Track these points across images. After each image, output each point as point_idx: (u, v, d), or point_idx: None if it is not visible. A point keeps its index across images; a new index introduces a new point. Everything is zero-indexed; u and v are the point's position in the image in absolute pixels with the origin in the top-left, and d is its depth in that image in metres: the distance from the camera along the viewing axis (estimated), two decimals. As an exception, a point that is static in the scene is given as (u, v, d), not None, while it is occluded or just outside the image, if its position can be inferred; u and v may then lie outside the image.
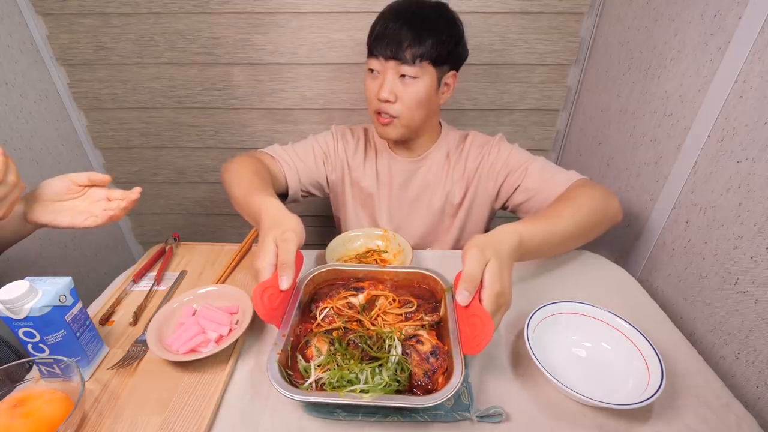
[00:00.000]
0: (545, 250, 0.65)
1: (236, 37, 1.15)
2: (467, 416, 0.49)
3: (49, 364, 0.50)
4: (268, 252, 0.55)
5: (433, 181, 0.90)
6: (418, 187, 0.91)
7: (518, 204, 0.84)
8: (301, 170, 0.89)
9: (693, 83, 0.71)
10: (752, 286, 0.58)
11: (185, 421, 0.48)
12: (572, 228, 0.66)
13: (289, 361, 0.52)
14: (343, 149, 0.92)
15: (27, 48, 1.14)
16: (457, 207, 0.90)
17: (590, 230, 0.69)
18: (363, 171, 0.92)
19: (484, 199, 0.89)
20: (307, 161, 0.90)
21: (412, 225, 0.94)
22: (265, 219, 0.60)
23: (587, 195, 0.70)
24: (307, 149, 0.91)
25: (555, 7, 1.07)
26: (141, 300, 0.68)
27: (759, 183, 0.57)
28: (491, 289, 0.50)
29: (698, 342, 0.66)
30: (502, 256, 0.53)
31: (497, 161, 0.85)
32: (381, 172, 0.92)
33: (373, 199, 0.93)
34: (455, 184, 0.89)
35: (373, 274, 0.64)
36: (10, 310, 0.46)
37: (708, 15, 0.68)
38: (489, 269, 0.51)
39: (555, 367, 0.54)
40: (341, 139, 0.92)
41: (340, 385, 0.47)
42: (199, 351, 0.55)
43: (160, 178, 1.41)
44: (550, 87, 1.19)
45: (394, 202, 0.93)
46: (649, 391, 0.48)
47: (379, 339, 0.54)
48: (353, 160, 0.92)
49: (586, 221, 0.67)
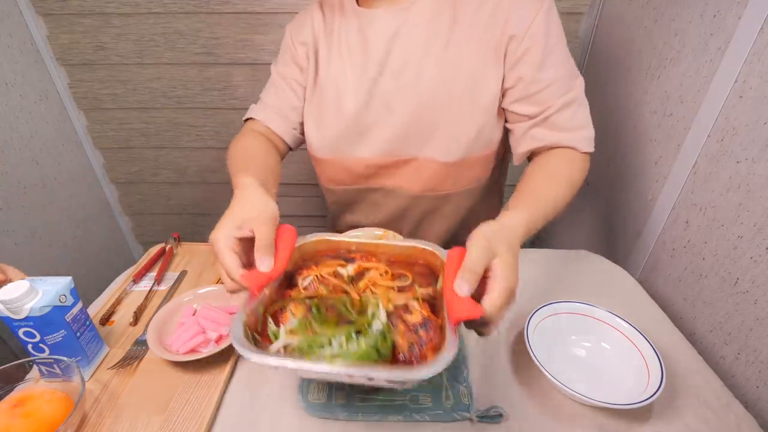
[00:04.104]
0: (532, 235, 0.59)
1: (236, 37, 1.15)
2: (467, 416, 0.49)
3: (49, 364, 0.50)
4: (225, 256, 0.46)
5: (415, 49, 0.67)
6: (400, 59, 0.68)
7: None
8: (285, 109, 0.76)
9: (693, 83, 0.71)
10: (752, 286, 0.58)
11: (185, 421, 0.48)
12: (560, 212, 0.61)
13: (260, 326, 0.46)
14: (309, 35, 0.74)
15: (27, 48, 1.14)
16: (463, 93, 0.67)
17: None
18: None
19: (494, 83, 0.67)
20: (285, 95, 0.76)
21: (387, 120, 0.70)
22: (230, 206, 0.52)
23: (578, 178, 0.65)
24: (276, 82, 0.77)
25: (555, 7, 1.07)
26: (141, 300, 0.68)
27: (759, 183, 0.57)
28: (507, 281, 0.44)
29: (698, 342, 0.66)
30: (513, 246, 0.47)
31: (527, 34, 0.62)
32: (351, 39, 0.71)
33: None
34: (463, 49, 0.65)
35: (367, 247, 0.57)
36: (10, 310, 0.46)
37: (708, 15, 0.68)
38: (504, 262, 0.45)
39: (555, 367, 0.54)
40: (297, 32, 0.75)
41: (311, 351, 0.42)
42: (199, 351, 0.55)
43: (160, 178, 1.41)
44: (550, 87, 1.19)
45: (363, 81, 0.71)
46: (649, 391, 0.48)
47: (363, 306, 0.48)
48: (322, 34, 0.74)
49: (566, 202, 0.63)
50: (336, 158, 0.76)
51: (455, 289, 0.43)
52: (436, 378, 0.53)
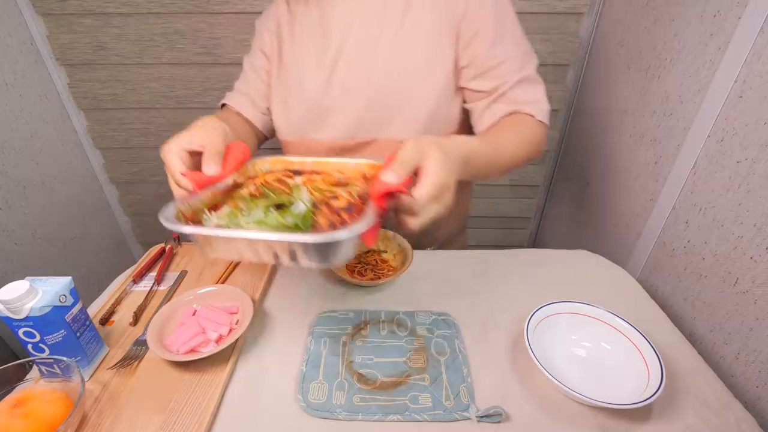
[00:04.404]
0: (480, 175, 0.60)
1: (236, 37, 1.15)
2: (467, 416, 0.49)
3: (49, 364, 0.50)
4: (170, 160, 0.50)
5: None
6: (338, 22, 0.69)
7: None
8: (255, 96, 0.79)
9: (693, 83, 0.71)
10: (752, 286, 0.58)
11: (185, 421, 0.48)
12: (508, 162, 0.63)
13: (197, 217, 0.47)
14: (274, 22, 0.76)
15: (27, 48, 1.14)
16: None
17: (517, 167, 0.67)
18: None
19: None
20: (254, 84, 0.79)
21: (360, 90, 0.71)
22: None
23: (535, 140, 0.66)
24: (247, 72, 0.80)
25: (555, 7, 1.07)
26: (141, 300, 0.68)
27: (759, 183, 0.57)
28: (438, 177, 0.43)
29: (698, 342, 0.66)
30: (450, 153, 0.46)
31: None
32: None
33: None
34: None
35: (320, 165, 0.59)
36: (10, 310, 0.46)
37: (708, 15, 0.68)
38: (434, 158, 0.44)
39: (555, 367, 0.54)
40: (264, 22, 0.78)
41: (231, 223, 0.43)
42: (199, 351, 0.55)
43: (160, 178, 1.41)
44: (550, 87, 1.17)
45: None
46: (649, 391, 0.48)
47: (292, 194, 0.49)
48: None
49: (520, 160, 0.65)
50: (301, 141, 0.79)
51: (380, 178, 0.43)
52: (436, 377, 0.54)
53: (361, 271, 0.73)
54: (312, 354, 0.58)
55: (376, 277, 0.71)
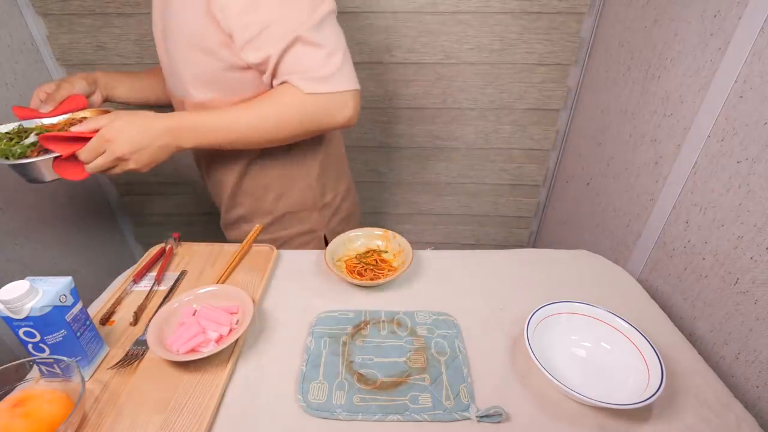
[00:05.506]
0: (208, 142, 0.66)
1: (236, 37, 1.15)
2: (467, 416, 0.49)
3: (49, 364, 0.50)
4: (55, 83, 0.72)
5: None
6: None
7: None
8: None
9: (693, 83, 0.71)
10: (752, 286, 0.58)
11: (185, 420, 0.48)
12: (252, 133, 0.66)
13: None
14: None
15: (27, 48, 1.14)
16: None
17: (282, 138, 0.68)
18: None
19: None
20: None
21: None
22: None
23: (285, 105, 0.65)
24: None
25: (555, 7, 1.07)
26: (141, 300, 0.68)
27: (759, 183, 0.57)
28: (100, 132, 0.60)
29: (698, 342, 0.66)
30: (134, 122, 0.61)
31: None
32: None
33: None
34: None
35: (76, 115, 0.76)
36: (11, 310, 0.46)
37: (708, 15, 0.68)
38: (107, 120, 0.61)
39: (555, 367, 0.54)
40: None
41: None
42: (199, 351, 0.55)
43: (161, 178, 1.41)
44: (550, 87, 1.19)
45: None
46: (649, 391, 0.48)
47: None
48: None
49: (273, 131, 0.66)
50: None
51: (71, 129, 0.63)
52: (436, 377, 0.54)
53: (361, 271, 0.73)
54: (312, 354, 0.58)
55: (376, 277, 0.71)
